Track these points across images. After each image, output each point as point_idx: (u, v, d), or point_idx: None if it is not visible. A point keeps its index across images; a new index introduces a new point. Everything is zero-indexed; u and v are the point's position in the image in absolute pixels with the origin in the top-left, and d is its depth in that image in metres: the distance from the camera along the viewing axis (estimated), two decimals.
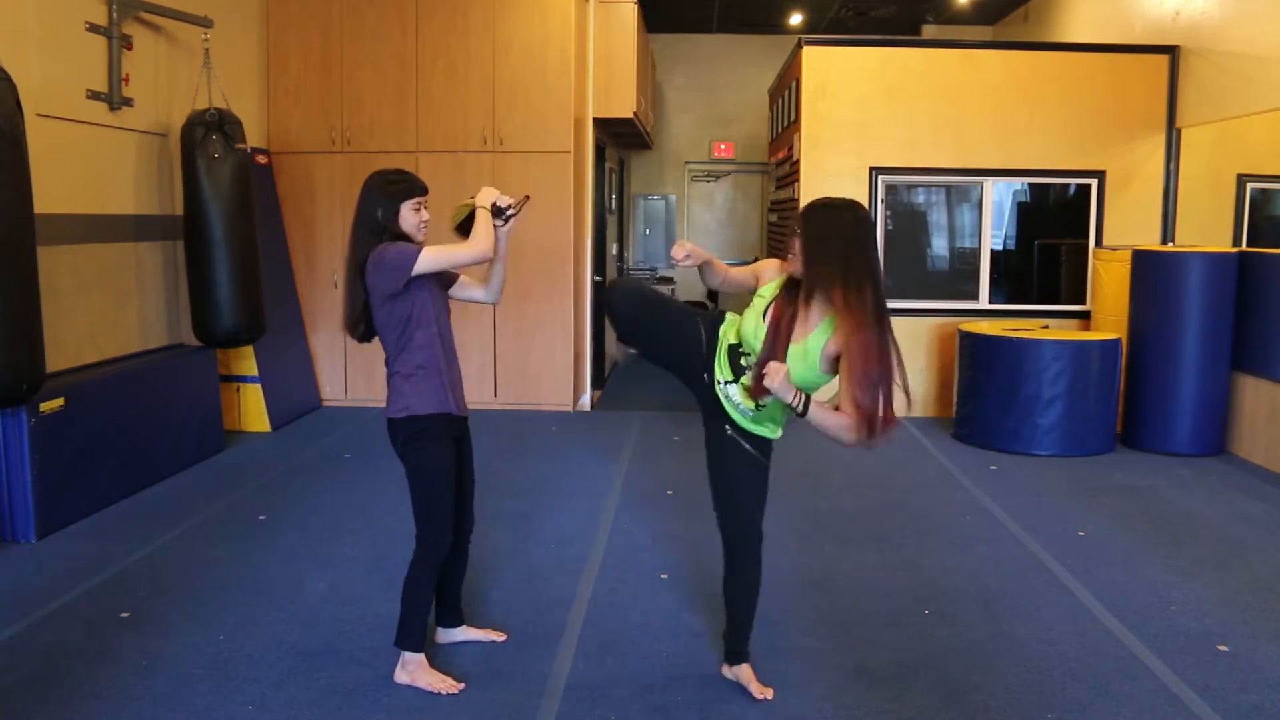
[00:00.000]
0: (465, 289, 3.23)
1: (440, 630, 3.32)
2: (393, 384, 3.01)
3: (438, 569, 3.07)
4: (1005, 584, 3.89)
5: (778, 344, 2.68)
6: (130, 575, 3.89)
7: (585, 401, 7.41)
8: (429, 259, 2.89)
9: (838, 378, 2.66)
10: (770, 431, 2.90)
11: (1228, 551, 4.30)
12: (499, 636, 3.36)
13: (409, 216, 2.98)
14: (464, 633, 3.35)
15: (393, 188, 2.98)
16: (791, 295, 2.73)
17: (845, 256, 2.60)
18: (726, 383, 2.84)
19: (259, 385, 6.37)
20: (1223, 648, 3.32)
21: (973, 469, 5.66)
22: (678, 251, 2.81)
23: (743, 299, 2.90)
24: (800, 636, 3.40)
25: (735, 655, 3.04)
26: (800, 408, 2.60)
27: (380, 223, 2.96)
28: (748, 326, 2.79)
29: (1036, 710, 2.90)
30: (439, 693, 2.96)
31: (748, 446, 2.90)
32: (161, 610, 3.53)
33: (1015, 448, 6.01)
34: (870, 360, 2.56)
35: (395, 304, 2.94)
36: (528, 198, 3.14)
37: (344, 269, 3.11)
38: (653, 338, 2.97)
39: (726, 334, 2.87)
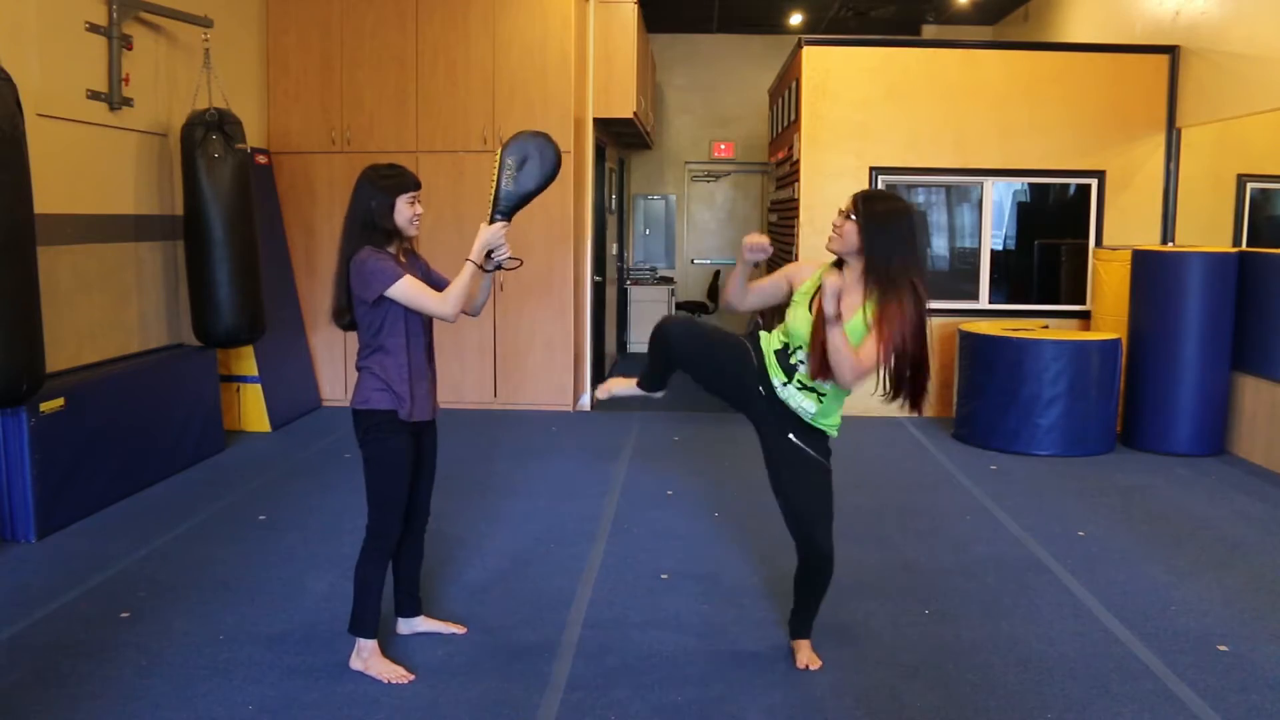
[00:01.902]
0: None
1: (400, 620, 3.36)
2: (360, 377, 3.08)
3: (387, 557, 3.13)
4: (1005, 584, 3.89)
5: (832, 326, 2.77)
6: (130, 575, 3.89)
7: (585, 401, 7.41)
8: (401, 290, 2.93)
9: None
10: (830, 427, 3.02)
11: (1228, 551, 4.30)
12: (459, 629, 3.39)
13: (404, 210, 3.00)
14: (423, 623, 3.38)
15: (387, 182, 2.99)
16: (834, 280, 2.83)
17: (905, 243, 2.87)
18: (784, 385, 2.96)
19: (259, 385, 6.37)
20: (1223, 648, 3.32)
21: (973, 469, 5.66)
22: (754, 240, 2.88)
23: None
24: None
25: (798, 632, 3.23)
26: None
27: (372, 217, 2.97)
28: (796, 322, 2.91)
29: (1036, 710, 2.90)
30: (389, 681, 3.02)
31: (811, 451, 3.01)
32: (161, 610, 3.53)
33: (1015, 448, 6.01)
34: (904, 331, 2.79)
35: (370, 310, 2.99)
36: (520, 262, 3.16)
37: (336, 259, 3.12)
38: (709, 365, 3.08)
39: (770, 343, 3.01)
